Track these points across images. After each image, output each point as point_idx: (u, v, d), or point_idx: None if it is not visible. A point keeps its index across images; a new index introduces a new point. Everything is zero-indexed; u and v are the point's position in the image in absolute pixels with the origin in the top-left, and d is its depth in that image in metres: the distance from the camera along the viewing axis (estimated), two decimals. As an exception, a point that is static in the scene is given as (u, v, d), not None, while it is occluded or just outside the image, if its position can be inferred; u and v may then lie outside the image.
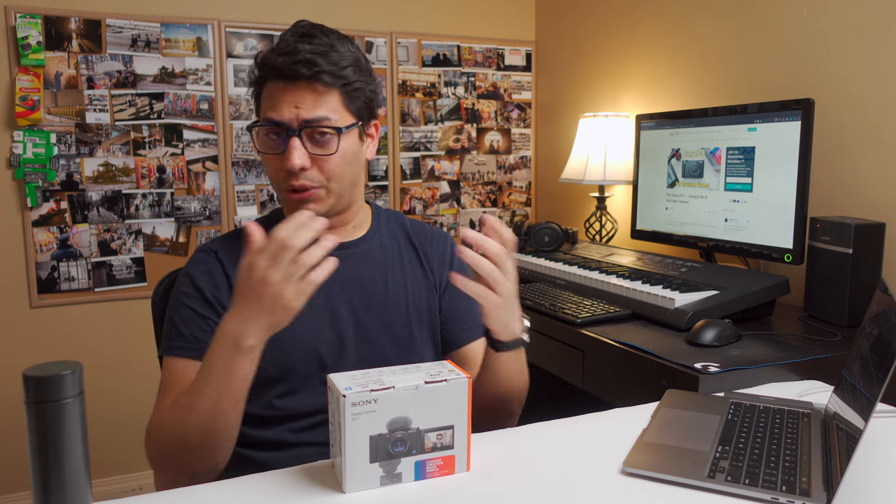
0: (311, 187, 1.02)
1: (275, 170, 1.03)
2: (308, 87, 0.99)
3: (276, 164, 1.02)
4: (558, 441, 0.95)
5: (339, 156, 1.02)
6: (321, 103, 1.00)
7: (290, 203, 1.05)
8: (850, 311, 1.48)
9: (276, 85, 1.00)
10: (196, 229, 2.49)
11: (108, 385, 2.40)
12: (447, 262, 1.20)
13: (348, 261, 1.11)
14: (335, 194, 1.05)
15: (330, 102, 1.01)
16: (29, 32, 2.20)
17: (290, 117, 0.99)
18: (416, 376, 0.82)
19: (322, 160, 1.01)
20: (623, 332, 1.43)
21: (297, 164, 0.99)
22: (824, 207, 1.71)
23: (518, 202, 3.03)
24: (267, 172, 1.07)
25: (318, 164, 1.01)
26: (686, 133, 1.88)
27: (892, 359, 0.74)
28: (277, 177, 1.03)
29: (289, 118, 0.99)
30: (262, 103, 1.03)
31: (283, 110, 0.99)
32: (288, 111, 0.99)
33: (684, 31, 2.18)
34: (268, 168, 1.05)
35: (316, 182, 1.02)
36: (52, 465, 0.59)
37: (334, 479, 0.83)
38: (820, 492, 0.77)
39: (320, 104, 1.00)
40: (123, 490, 2.44)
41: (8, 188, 2.25)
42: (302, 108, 0.99)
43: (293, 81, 0.99)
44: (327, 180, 1.03)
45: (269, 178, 1.07)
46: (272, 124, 1.00)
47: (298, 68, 0.98)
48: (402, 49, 2.74)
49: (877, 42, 1.60)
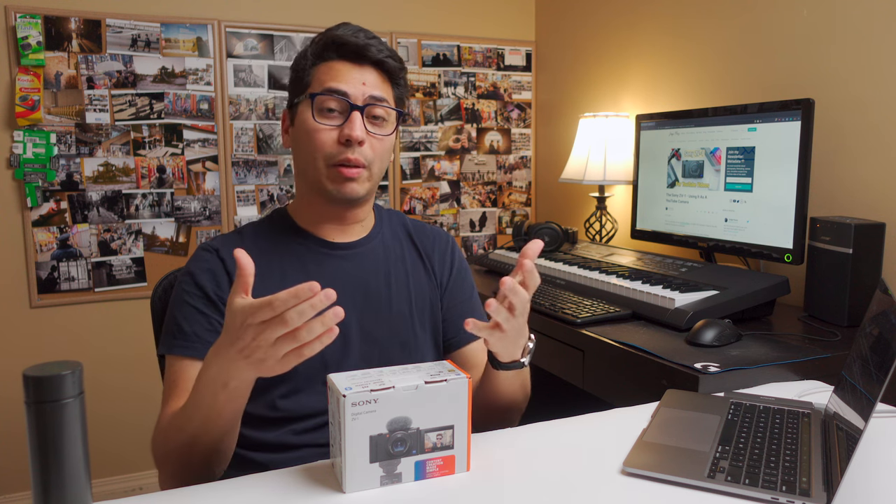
0: (362, 164, 1.04)
1: (326, 141, 1.03)
2: (374, 69, 1.06)
3: (329, 135, 1.03)
4: (558, 441, 0.95)
5: (389, 140, 1.08)
6: (384, 87, 1.07)
7: (333, 179, 1.05)
8: (850, 311, 1.48)
9: (341, 63, 1.05)
10: (196, 229, 2.49)
11: (109, 385, 2.40)
12: (448, 262, 1.20)
13: (352, 260, 1.11)
14: (374, 179, 1.08)
15: (388, 90, 1.08)
16: (29, 32, 2.20)
17: (355, 92, 1.03)
18: (416, 376, 0.82)
19: (376, 140, 1.06)
20: (623, 332, 1.43)
21: (359, 136, 1.02)
22: (824, 207, 1.71)
23: (518, 202, 3.03)
24: (309, 146, 1.05)
25: (371, 143, 1.05)
26: (686, 133, 1.88)
27: (892, 359, 0.74)
28: (329, 149, 1.03)
29: (354, 92, 1.03)
30: (319, 77, 1.05)
31: (350, 83, 1.03)
32: (354, 86, 1.04)
33: (684, 31, 2.18)
34: (315, 140, 1.04)
35: (367, 159, 1.05)
36: (52, 465, 0.59)
37: (334, 479, 0.83)
38: (820, 492, 0.77)
39: (384, 88, 1.07)
40: (123, 490, 2.44)
41: (8, 188, 2.25)
42: (368, 86, 1.04)
43: (361, 62, 1.05)
44: (373, 161, 1.06)
45: (310, 154, 1.05)
46: (338, 94, 1.03)
47: (371, 46, 1.05)
48: (402, 49, 2.74)
49: (877, 42, 1.60)
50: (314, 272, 1.08)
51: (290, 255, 1.09)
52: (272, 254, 1.09)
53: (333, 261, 1.10)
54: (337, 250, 1.11)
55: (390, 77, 1.08)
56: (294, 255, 1.10)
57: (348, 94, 1.03)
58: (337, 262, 1.10)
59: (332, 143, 1.03)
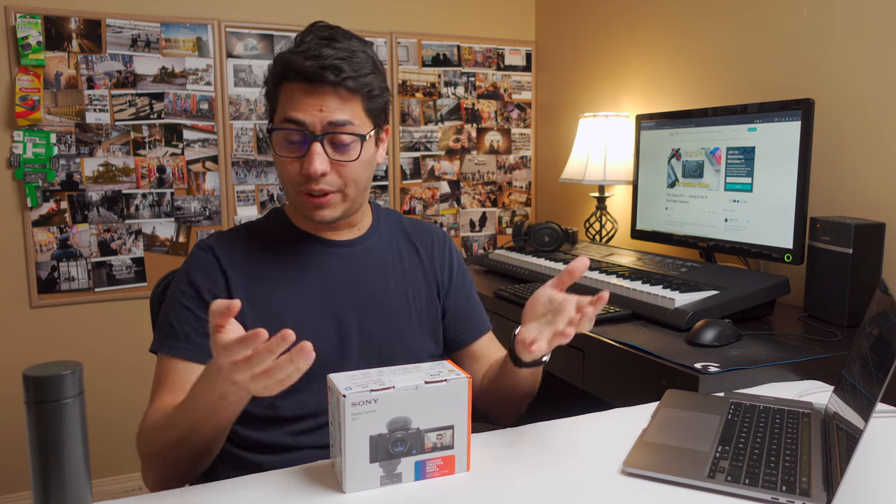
0: (329, 192, 1.02)
1: (292, 173, 1.02)
2: (333, 92, 0.99)
3: (293, 167, 1.01)
4: (558, 441, 0.95)
5: (358, 162, 1.02)
6: (345, 108, 1.00)
7: (303, 206, 1.05)
8: (850, 311, 1.48)
9: (298, 86, 0.99)
10: (196, 229, 2.49)
11: (108, 385, 2.40)
12: (447, 260, 1.20)
13: (349, 258, 1.11)
14: (350, 199, 1.05)
15: (353, 108, 1.01)
16: (29, 32, 2.20)
17: (313, 120, 0.98)
18: (416, 376, 0.82)
19: (341, 165, 1.01)
20: (623, 332, 1.43)
21: (318, 170, 0.98)
22: (824, 207, 1.71)
23: (518, 202, 3.03)
24: (280, 174, 1.05)
25: (337, 170, 1.01)
26: (686, 133, 1.88)
27: (892, 359, 0.74)
28: (294, 180, 1.02)
29: (311, 121, 0.98)
30: (281, 103, 1.01)
31: (306, 112, 0.98)
32: (311, 114, 0.98)
33: (684, 31, 2.18)
34: (283, 170, 1.03)
35: (334, 187, 1.02)
36: (52, 465, 0.59)
37: (334, 479, 0.83)
38: (820, 492, 0.77)
39: (345, 109, 1.00)
40: (123, 490, 2.44)
41: (8, 188, 2.25)
42: (326, 112, 0.98)
43: (317, 85, 0.98)
44: (344, 185, 1.03)
45: (283, 180, 1.05)
46: (295, 123, 0.99)
47: (326, 73, 0.97)
48: (402, 49, 2.74)
49: (877, 42, 1.60)
50: (313, 270, 1.08)
51: (289, 253, 1.10)
52: (270, 251, 1.09)
53: (331, 258, 1.10)
54: (335, 248, 1.11)
55: (358, 91, 1.00)
56: (292, 252, 1.10)
57: (305, 123, 0.98)
58: (335, 259, 1.10)
59: (296, 174, 1.02)
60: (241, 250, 1.08)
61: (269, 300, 1.05)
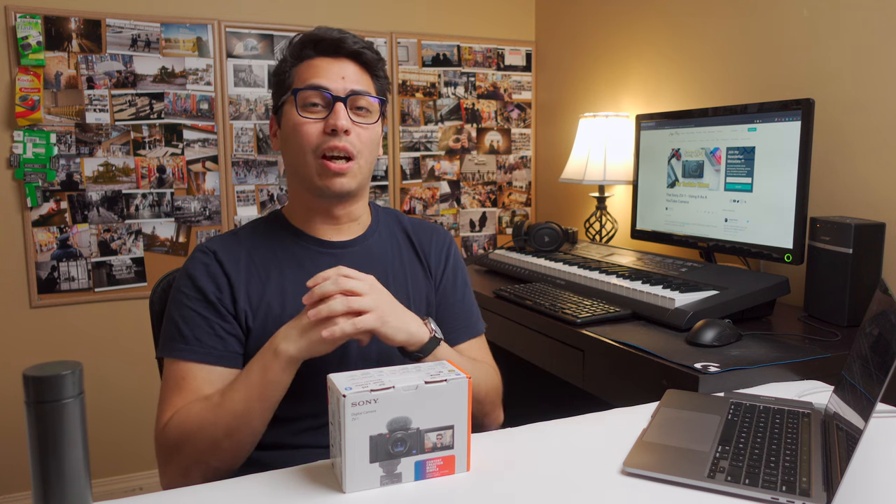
0: (349, 154, 1.05)
1: (313, 135, 1.05)
2: (352, 62, 1.08)
3: (315, 128, 1.05)
4: (558, 441, 0.95)
5: (375, 129, 1.09)
6: (363, 80, 1.09)
7: (320, 174, 1.06)
8: (850, 311, 1.48)
9: (319, 59, 1.07)
10: (196, 229, 2.49)
11: (108, 385, 2.40)
12: (444, 259, 1.20)
13: (348, 259, 1.11)
14: (363, 171, 1.09)
15: (368, 82, 1.10)
16: (29, 32, 2.20)
17: (335, 86, 1.05)
18: (416, 376, 0.82)
19: (362, 129, 1.07)
20: (623, 332, 1.43)
21: (344, 124, 1.03)
22: (824, 207, 1.71)
23: (518, 202, 3.03)
24: (297, 141, 1.06)
25: (357, 132, 1.06)
26: (686, 133, 1.88)
27: (892, 359, 0.74)
28: (315, 141, 1.05)
29: (335, 87, 1.05)
30: (301, 76, 1.07)
31: (329, 79, 1.05)
32: (335, 80, 1.06)
33: (684, 31, 2.18)
34: (301, 134, 1.05)
35: (355, 149, 1.06)
36: (52, 465, 0.59)
37: (334, 479, 0.83)
38: (820, 492, 0.77)
39: (362, 80, 1.08)
40: (123, 490, 2.44)
41: (8, 188, 2.25)
42: (348, 81, 1.06)
43: (338, 56, 1.07)
44: (360, 152, 1.06)
45: (298, 149, 1.06)
46: (319, 89, 1.05)
47: (346, 41, 1.06)
48: (402, 49, 2.74)
49: (877, 42, 1.60)
50: (311, 271, 1.08)
51: (287, 255, 1.10)
52: (269, 253, 1.09)
53: (330, 259, 1.10)
54: (333, 249, 1.11)
55: (369, 69, 1.10)
56: (290, 254, 1.10)
57: (329, 87, 1.05)
58: (333, 260, 1.10)
59: (318, 134, 1.05)
60: (242, 253, 1.09)
61: (270, 302, 1.05)
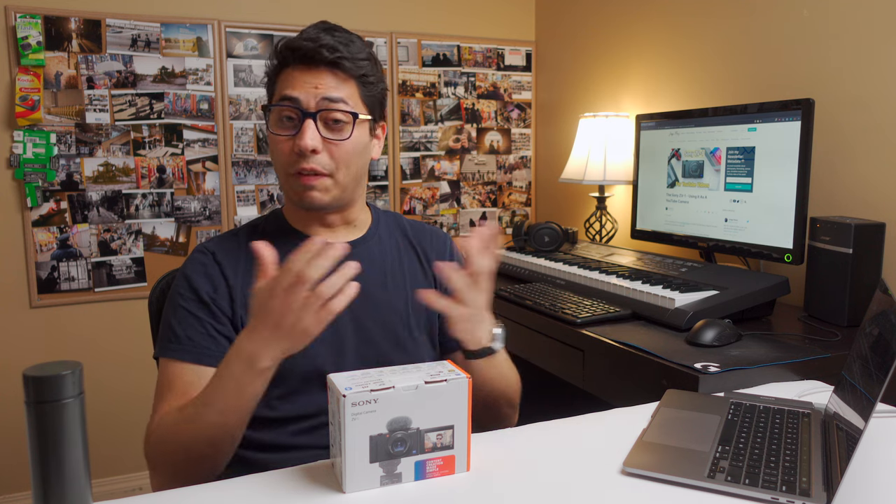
0: (321, 173, 1.02)
1: (285, 152, 1.03)
2: (329, 72, 1.02)
3: (286, 146, 1.02)
4: (558, 441, 0.95)
5: (350, 143, 1.03)
6: (341, 88, 1.03)
7: (294, 188, 1.05)
8: (850, 311, 1.48)
9: (296, 68, 1.02)
10: (196, 229, 2.49)
11: (108, 385, 2.40)
12: (445, 260, 1.19)
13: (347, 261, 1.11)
14: (341, 185, 1.05)
15: (349, 91, 1.03)
16: (29, 32, 2.20)
17: (307, 97, 1.01)
18: (416, 376, 0.82)
19: (334, 146, 1.02)
20: (623, 332, 1.43)
21: (309, 145, 0.99)
22: (824, 207, 1.71)
23: (518, 202, 3.03)
24: (274, 156, 1.06)
25: (330, 150, 1.02)
26: (686, 133, 1.88)
27: (892, 359, 0.74)
28: (286, 159, 1.03)
29: (306, 98, 1.01)
30: (279, 86, 1.04)
31: (301, 90, 1.01)
32: (306, 91, 1.01)
33: (684, 31, 2.18)
34: (276, 151, 1.04)
35: (325, 168, 1.03)
36: (52, 465, 0.59)
37: (334, 479, 0.83)
38: (820, 492, 0.77)
39: (340, 88, 1.02)
40: (123, 490, 2.44)
41: (8, 188, 2.25)
42: (321, 89, 1.01)
43: (314, 66, 1.01)
44: (336, 168, 1.03)
45: (276, 163, 1.06)
46: (289, 101, 1.01)
47: (322, 51, 1.00)
48: (402, 49, 2.74)
49: (877, 42, 1.60)
50: None
51: (287, 255, 1.09)
52: None
53: None
54: None
55: (352, 76, 1.04)
56: (290, 254, 1.09)
57: (299, 100, 1.01)
58: None
59: (289, 153, 1.03)
60: (240, 254, 1.08)
61: None
